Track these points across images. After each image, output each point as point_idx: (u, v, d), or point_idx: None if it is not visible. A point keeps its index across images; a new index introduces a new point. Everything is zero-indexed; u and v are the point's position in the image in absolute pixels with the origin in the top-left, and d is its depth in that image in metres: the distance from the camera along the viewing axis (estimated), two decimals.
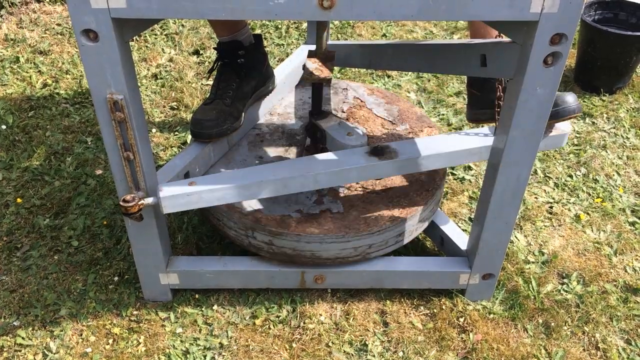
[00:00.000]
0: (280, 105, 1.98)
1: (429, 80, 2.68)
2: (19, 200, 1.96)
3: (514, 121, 1.27)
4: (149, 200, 1.37)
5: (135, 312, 1.62)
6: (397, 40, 1.81)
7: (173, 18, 1.85)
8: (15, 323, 1.59)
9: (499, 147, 1.36)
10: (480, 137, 1.53)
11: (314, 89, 1.68)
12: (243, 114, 1.70)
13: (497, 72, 1.34)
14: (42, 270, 1.73)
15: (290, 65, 2.01)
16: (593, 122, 2.43)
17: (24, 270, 1.73)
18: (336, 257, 1.57)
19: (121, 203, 1.32)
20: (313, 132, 1.71)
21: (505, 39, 1.33)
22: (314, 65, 1.53)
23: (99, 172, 2.10)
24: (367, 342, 1.56)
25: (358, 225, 1.55)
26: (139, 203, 1.34)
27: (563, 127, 1.58)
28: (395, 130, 1.86)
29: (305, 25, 3.09)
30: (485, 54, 1.35)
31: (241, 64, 1.68)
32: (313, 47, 1.88)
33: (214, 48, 1.80)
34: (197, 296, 1.66)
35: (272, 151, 1.77)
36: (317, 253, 1.55)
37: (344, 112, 1.93)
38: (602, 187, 2.09)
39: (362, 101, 2.00)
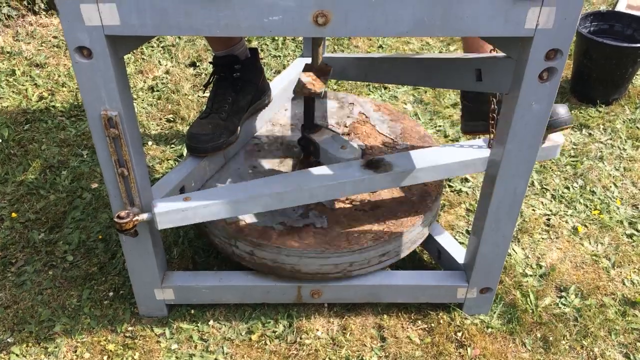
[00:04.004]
0: (276, 118, 1.97)
1: (426, 92, 2.68)
2: (13, 214, 1.95)
3: (510, 136, 1.26)
4: (144, 216, 1.36)
5: (130, 328, 1.61)
6: (393, 54, 1.81)
7: (167, 35, 1.84)
8: (9, 340, 1.57)
9: (495, 160, 1.36)
10: (475, 149, 1.55)
11: (306, 102, 1.67)
12: (239, 128, 1.70)
13: (493, 86, 1.34)
14: (36, 286, 1.72)
15: (286, 79, 2.01)
16: (589, 134, 2.43)
17: (19, 286, 1.72)
18: (316, 272, 1.56)
19: (115, 219, 1.31)
20: (306, 145, 1.71)
21: (500, 53, 1.33)
22: (308, 79, 1.53)
23: (94, 185, 2.09)
24: (364, 358, 1.55)
25: (339, 242, 1.53)
26: (134, 219, 1.33)
27: (556, 138, 1.58)
28: (395, 149, 1.84)
29: (302, 37, 3.10)
30: (480, 69, 1.35)
31: (237, 78, 1.68)
32: (309, 60, 1.88)
33: (209, 62, 1.80)
34: (192, 311, 1.65)
35: (268, 164, 1.77)
36: (297, 267, 1.55)
37: (347, 126, 1.92)
38: (599, 198, 2.09)
39: (366, 117, 1.98)
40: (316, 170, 1.48)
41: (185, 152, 2.25)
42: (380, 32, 1.09)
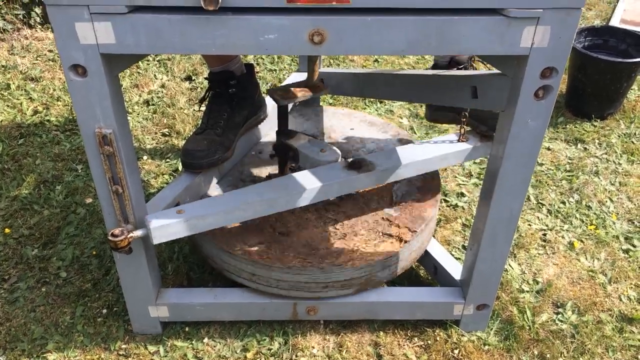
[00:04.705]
0: (272, 132, 1.97)
1: (422, 106, 2.68)
2: (7, 230, 1.93)
3: (506, 153, 1.26)
4: (138, 232, 1.35)
5: (124, 346, 1.59)
6: (389, 70, 1.82)
7: (163, 53, 1.84)
8: (1, 358, 1.55)
9: (491, 178, 1.35)
10: (448, 144, 1.66)
11: (280, 108, 1.67)
12: (234, 143, 1.69)
13: (488, 104, 1.34)
14: (29, 303, 1.70)
15: None
16: (585, 148, 2.43)
17: (11, 303, 1.70)
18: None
19: (109, 237, 1.29)
20: (284, 152, 1.70)
21: (494, 70, 1.33)
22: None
23: (88, 200, 2.07)
24: None
25: None
26: (128, 236, 1.32)
27: None
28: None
29: None
30: (476, 86, 1.35)
31: (232, 94, 1.68)
32: (305, 75, 1.88)
33: (205, 78, 1.80)
34: (187, 329, 1.63)
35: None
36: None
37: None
38: (595, 213, 2.08)
39: None
40: (301, 175, 1.51)
41: (180, 166, 2.24)
42: (376, 50, 1.09)
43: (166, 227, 1.35)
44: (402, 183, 1.76)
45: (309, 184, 1.47)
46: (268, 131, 1.97)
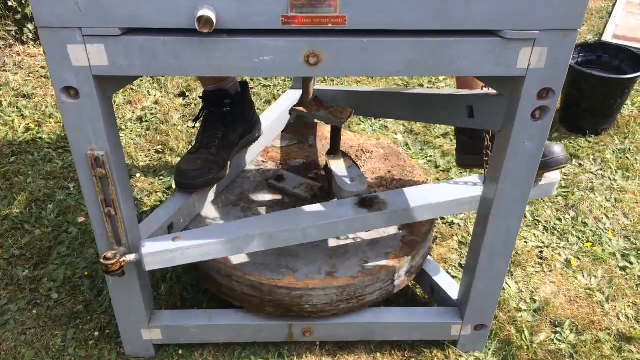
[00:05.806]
0: (267, 151, 1.96)
1: (416, 122, 2.68)
2: None
3: (502, 174, 1.25)
4: (131, 257, 1.32)
5: None
6: (384, 88, 1.80)
7: (156, 75, 1.81)
8: None
9: (488, 199, 1.34)
10: (470, 187, 1.53)
11: (332, 128, 1.65)
12: (229, 163, 1.68)
13: (485, 123, 1.33)
14: (20, 326, 1.67)
15: (276, 111, 2.00)
16: (580, 164, 2.43)
17: (1, 326, 1.67)
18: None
19: (102, 261, 1.27)
20: (326, 170, 1.67)
21: (491, 91, 1.32)
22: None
23: (81, 219, 2.05)
24: None
25: None
26: (121, 260, 1.29)
27: (552, 176, 1.58)
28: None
29: None
30: (472, 106, 1.35)
31: (227, 113, 1.67)
32: (299, 92, 1.87)
33: (199, 97, 1.78)
34: (180, 351, 1.60)
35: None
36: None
37: None
38: (591, 230, 2.08)
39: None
40: (309, 209, 1.46)
41: (174, 184, 2.22)
42: (372, 72, 1.08)
43: (159, 255, 1.33)
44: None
45: (314, 220, 1.41)
46: (262, 149, 1.96)
